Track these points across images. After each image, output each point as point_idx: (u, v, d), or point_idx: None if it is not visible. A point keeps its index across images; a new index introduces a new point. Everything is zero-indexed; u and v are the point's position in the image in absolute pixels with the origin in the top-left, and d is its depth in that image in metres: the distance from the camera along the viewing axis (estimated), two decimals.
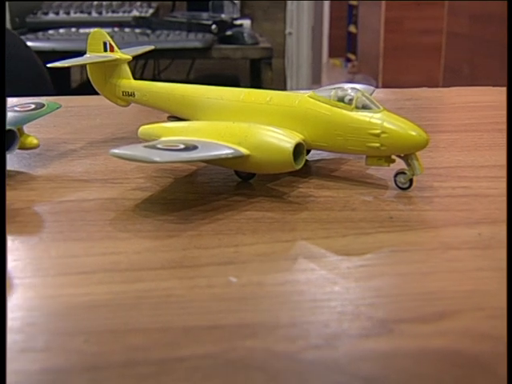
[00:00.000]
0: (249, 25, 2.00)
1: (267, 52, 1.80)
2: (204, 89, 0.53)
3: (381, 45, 2.86)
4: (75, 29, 1.80)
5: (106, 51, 0.59)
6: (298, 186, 0.48)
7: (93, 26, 1.83)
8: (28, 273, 0.35)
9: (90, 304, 0.32)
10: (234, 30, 1.82)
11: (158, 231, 0.40)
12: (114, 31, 1.79)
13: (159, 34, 1.76)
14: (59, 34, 1.76)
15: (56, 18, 1.85)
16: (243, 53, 1.80)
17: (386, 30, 2.83)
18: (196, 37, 1.74)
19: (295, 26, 2.20)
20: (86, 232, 0.40)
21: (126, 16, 1.90)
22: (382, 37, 2.86)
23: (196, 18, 1.89)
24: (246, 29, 1.90)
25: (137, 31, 1.81)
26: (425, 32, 2.74)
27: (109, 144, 0.60)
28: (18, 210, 0.44)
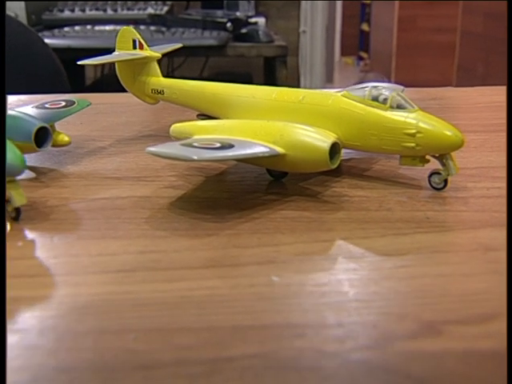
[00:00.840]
0: (263, 23, 1.99)
1: (282, 50, 1.80)
2: (235, 87, 0.53)
3: (394, 43, 2.85)
4: (90, 26, 1.80)
5: (135, 49, 0.58)
6: (331, 186, 0.48)
7: (108, 23, 1.84)
8: (68, 270, 0.35)
9: (134, 302, 0.32)
10: (248, 28, 1.82)
11: (196, 230, 0.40)
12: None
13: (174, 32, 1.76)
14: (75, 32, 1.76)
15: (71, 16, 1.85)
16: (258, 51, 1.80)
17: (399, 29, 2.82)
18: (211, 34, 1.73)
19: (309, 25, 2.19)
20: (123, 230, 0.40)
21: (140, 13, 1.90)
22: (394, 35, 2.84)
23: (210, 16, 1.88)
24: (260, 27, 1.90)
25: (152, 29, 1.80)
26: (438, 30, 2.72)
27: (137, 141, 0.60)
28: (52, 208, 0.44)
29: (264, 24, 2.00)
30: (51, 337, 0.29)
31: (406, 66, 2.83)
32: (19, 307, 0.32)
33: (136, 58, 0.58)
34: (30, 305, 0.32)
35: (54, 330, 0.30)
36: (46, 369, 0.27)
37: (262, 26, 1.95)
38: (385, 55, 2.94)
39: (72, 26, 1.79)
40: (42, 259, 0.37)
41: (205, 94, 0.54)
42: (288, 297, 0.33)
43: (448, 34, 2.65)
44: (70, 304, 0.32)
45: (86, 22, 1.83)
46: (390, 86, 0.48)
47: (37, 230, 0.40)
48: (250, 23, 1.89)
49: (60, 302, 0.32)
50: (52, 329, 0.30)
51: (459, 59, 2.47)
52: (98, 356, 0.28)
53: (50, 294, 0.33)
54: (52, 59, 1.41)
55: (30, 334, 0.29)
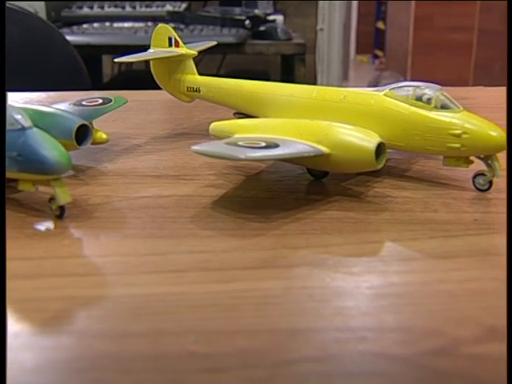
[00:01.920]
0: (281, 20, 1.98)
1: (301, 48, 1.79)
2: (274, 86, 0.53)
3: (410, 42, 2.83)
4: (109, 23, 1.80)
5: (170, 46, 0.58)
6: (373, 186, 0.47)
7: (126, 20, 1.83)
8: (119, 270, 0.35)
9: (189, 303, 0.32)
10: (267, 26, 1.81)
11: (242, 230, 0.40)
12: (147, 26, 1.79)
13: (192, 29, 1.76)
14: (94, 28, 1.76)
15: (90, 13, 1.85)
16: (277, 48, 1.79)
17: (416, 27, 2.80)
18: (230, 32, 1.73)
19: (327, 22, 2.18)
20: (169, 229, 0.40)
21: (159, 11, 1.90)
22: (411, 33, 2.83)
23: (229, 13, 1.88)
24: (279, 24, 1.89)
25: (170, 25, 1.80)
26: (455, 29, 2.70)
27: (172, 139, 0.59)
28: (95, 206, 0.44)
29: (282, 22, 2.00)
30: (110, 338, 0.29)
31: (422, 64, 2.81)
32: (74, 307, 0.31)
33: (172, 55, 0.57)
34: (85, 304, 0.32)
35: (112, 331, 0.29)
36: (108, 370, 0.27)
37: (280, 23, 1.94)
38: (401, 53, 2.92)
39: (91, 23, 1.79)
40: (90, 258, 0.37)
41: (243, 93, 0.54)
42: (343, 299, 0.32)
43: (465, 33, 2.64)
44: (126, 304, 0.31)
45: (104, 18, 1.83)
46: (433, 86, 0.48)
47: (82, 228, 0.40)
48: (268, 21, 1.88)
49: (115, 302, 0.32)
50: (110, 330, 0.29)
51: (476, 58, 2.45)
52: (159, 358, 0.27)
53: (103, 293, 0.33)
54: (73, 56, 1.41)
55: (89, 336, 0.29)
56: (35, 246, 0.38)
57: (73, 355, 0.28)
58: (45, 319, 0.30)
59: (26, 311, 0.31)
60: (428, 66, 2.80)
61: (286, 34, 1.80)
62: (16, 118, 0.41)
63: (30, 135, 0.40)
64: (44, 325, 0.30)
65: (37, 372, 0.27)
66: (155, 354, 0.28)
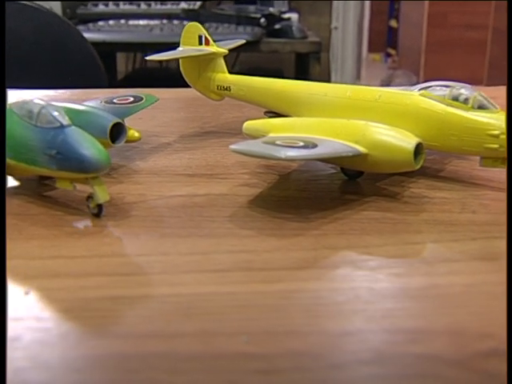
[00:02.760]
0: (296, 18, 1.98)
1: (316, 46, 1.78)
2: (306, 84, 0.53)
3: (423, 40, 2.82)
4: (124, 20, 1.80)
5: (200, 44, 0.58)
6: (408, 186, 0.47)
7: (141, 17, 1.84)
8: (162, 269, 0.35)
9: (237, 303, 0.31)
10: (282, 24, 1.81)
11: (281, 230, 0.40)
12: (162, 23, 1.79)
13: (208, 27, 1.75)
14: (109, 26, 1.77)
15: (106, 10, 1.86)
16: (292, 47, 1.79)
17: (429, 25, 2.79)
18: (245, 30, 1.73)
19: (341, 21, 2.17)
20: (208, 228, 0.40)
21: (174, 8, 1.90)
22: (424, 31, 2.81)
23: (243, 11, 1.88)
24: (294, 22, 1.88)
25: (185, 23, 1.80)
26: (469, 27, 2.69)
27: (201, 138, 0.59)
28: (131, 204, 0.43)
29: (297, 20, 1.99)
30: (161, 339, 0.29)
31: (436, 63, 2.80)
32: (121, 307, 0.31)
33: (203, 53, 0.57)
34: (132, 304, 0.32)
35: (162, 332, 0.29)
36: (161, 371, 0.27)
37: (295, 21, 1.93)
38: (414, 52, 2.91)
39: (106, 21, 1.79)
40: (132, 257, 0.37)
41: (274, 91, 0.54)
42: (390, 301, 0.32)
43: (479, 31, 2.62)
44: (173, 304, 0.31)
45: (119, 16, 1.83)
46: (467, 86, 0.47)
47: (120, 226, 0.40)
48: (283, 19, 1.88)
49: (161, 301, 0.32)
50: (159, 330, 0.29)
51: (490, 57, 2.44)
52: (212, 359, 0.27)
53: (149, 293, 0.33)
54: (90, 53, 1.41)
55: (139, 336, 0.29)
56: (76, 244, 0.38)
57: (124, 355, 0.28)
58: (93, 319, 0.30)
59: (73, 310, 0.31)
60: (441, 64, 2.78)
61: (301, 33, 1.79)
62: (54, 116, 0.41)
63: (69, 133, 0.40)
64: (93, 324, 0.30)
65: (88, 372, 0.27)
66: (207, 354, 0.28)
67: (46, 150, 0.40)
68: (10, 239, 0.38)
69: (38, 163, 0.41)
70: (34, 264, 0.35)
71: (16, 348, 0.28)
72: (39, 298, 0.32)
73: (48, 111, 0.41)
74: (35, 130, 0.41)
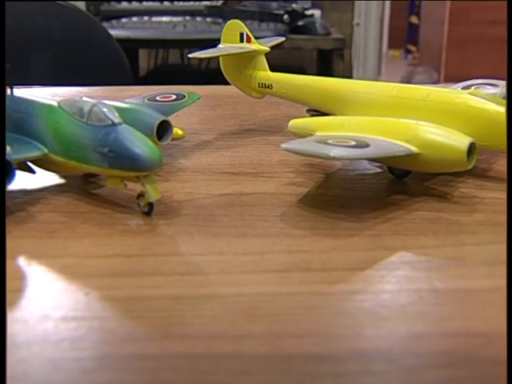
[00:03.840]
0: (319, 15, 1.97)
1: (339, 43, 1.77)
2: (351, 83, 0.52)
3: (445, 36, 2.79)
4: (147, 17, 1.81)
5: (242, 42, 0.58)
6: (458, 186, 0.46)
7: (165, 14, 1.84)
8: (220, 269, 0.35)
9: (300, 305, 0.31)
10: (305, 21, 1.80)
11: (335, 229, 0.39)
12: (185, 20, 1.79)
13: None
14: (132, 22, 1.77)
15: (129, 7, 1.86)
16: (315, 43, 1.78)
17: (451, 21, 2.76)
18: (268, 26, 1.72)
19: (363, 17, 2.16)
20: (261, 228, 0.40)
21: (196, 5, 1.90)
22: (446, 28, 2.79)
23: (266, 8, 1.87)
24: (317, 19, 1.87)
25: (208, 20, 1.80)
26: (492, 23, 2.66)
27: (241, 136, 0.59)
28: (180, 203, 0.43)
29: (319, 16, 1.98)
30: (228, 340, 0.28)
31: (457, 59, 2.78)
32: (184, 307, 0.31)
33: (245, 51, 0.57)
34: (194, 304, 0.31)
35: (228, 332, 0.29)
36: (232, 372, 0.26)
37: (318, 18, 1.93)
38: (435, 48, 2.88)
39: (129, 17, 1.79)
40: (187, 256, 0.37)
41: (318, 90, 0.53)
42: (457, 303, 0.32)
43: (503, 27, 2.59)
44: (236, 305, 0.31)
45: (143, 12, 1.84)
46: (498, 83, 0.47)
47: (172, 225, 0.40)
48: (306, 15, 1.87)
49: (223, 302, 0.31)
50: (226, 331, 0.29)
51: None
52: (282, 360, 0.27)
53: (209, 293, 0.32)
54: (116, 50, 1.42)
55: (205, 337, 0.29)
56: (130, 243, 0.37)
57: (193, 356, 0.27)
58: (156, 319, 0.30)
59: (136, 310, 0.31)
60: (463, 60, 2.76)
61: (324, 29, 1.78)
62: (106, 114, 0.41)
63: (121, 131, 0.40)
64: (157, 324, 0.30)
65: (157, 373, 0.27)
66: (276, 356, 0.27)
67: (97, 147, 0.40)
68: (63, 237, 0.38)
69: (90, 161, 0.41)
70: (90, 263, 0.35)
71: (82, 348, 0.28)
72: (100, 298, 0.32)
73: (99, 109, 0.41)
74: (86, 127, 0.41)
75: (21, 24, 1.24)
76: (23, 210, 0.42)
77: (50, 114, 0.43)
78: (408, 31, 3.56)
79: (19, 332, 0.29)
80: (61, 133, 0.42)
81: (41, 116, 0.44)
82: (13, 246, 0.37)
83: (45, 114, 0.44)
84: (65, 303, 0.32)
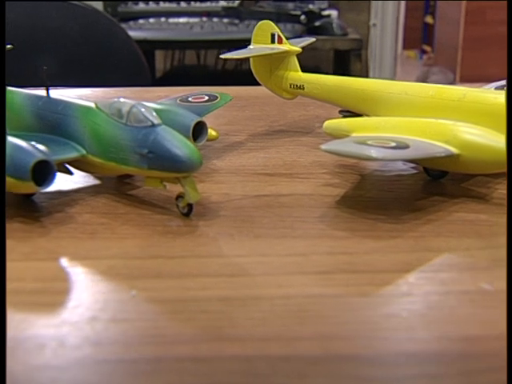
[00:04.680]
0: (336, 15, 1.96)
1: (357, 43, 1.77)
2: (386, 83, 0.52)
3: (460, 36, 2.78)
4: (164, 18, 1.81)
5: (273, 43, 0.57)
6: (495, 187, 0.46)
7: (181, 15, 1.84)
8: (264, 270, 0.34)
9: (348, 307, 0.31)
10: (322, 21, 1.80)
11: (376, 231, 0.39)
12: (202, 21, 1.80)
13: (248, 24, 1.75)
14: (149, 24, 1.77)
15: (146, 8, 1.86)
16: (332, 44, 1.78)
17: (467, 21, 2.74)
18: (285, 27, 1.71)
19: (380, 17, 2.15)
20: (301, 229, 0.39)
21: (213, 6, 1.90)
22: (461, 28, 2.77)
23: (283, 8, 1.87)
24: (334, 19, 1.87)
25: (225, 21, 1.80)
26: None
27: (272, 136, 0.59)
28: (217, 204, 0.43)
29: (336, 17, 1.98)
30: (282, 342, 0.28)
31: (473, 59, 2.76)
32: (232, 309, 0.31)
33: (277, 52, 0.57)
34: (243, 306, 0.31)
35: (280, 336, 0.29)
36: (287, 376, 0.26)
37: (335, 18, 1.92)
38: (450, 48, 2.87)
39: (146, 18, 1.80)
40: (230, 258, 0.36)
41: (351, 90, 0.53)
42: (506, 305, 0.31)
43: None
44: (284, 307, 0.31)
45: (160, 14, 1.84)
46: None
47: (212, 227, 0.40)
48: (323, 16, 1.86)
49: (273, 304, 0.31)
50: (278, 333, 0.29)
51: None
52: (333, 363, 0.27)
53: (258, 295, 0.32)
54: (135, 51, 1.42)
55: (257, 339, 0.29)
56: (172, 244, 0.37)
57: (247, 359, 0.27)
58: (206, 320, 0.30)
59: (184, 312, 0.31)
60: (479, 61, 2.74)
61: (341, 30, 1.78)
62: (146, 115, 0.41)
63: (161, 132, 0.40)
64: (207, 326, 0.29)
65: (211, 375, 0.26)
66: (329, 358, 0.27)
67: (137, 148, 0.40)
68: (104, 238, 0.38)
69: (129, 162, 0.41)
70: (134, 264, 0.35)
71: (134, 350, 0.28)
72: (146, 299, 0.32)
73: (139, 110, 0.41)
74: (125, 128, 0.41)
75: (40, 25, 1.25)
76: (61, 211, 0.42)
77: (88, 115, 0.43)
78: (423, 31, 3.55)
79: (69, 334, 0.29)
80: (99, 134, 0.42)
81: (78, 117, 0.44)
82: (54, 246, 0.38)
83: (82, 115, 0.44)
84: (112, 305, 0.32)
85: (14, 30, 1.14)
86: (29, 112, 0.47)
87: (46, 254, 0.37)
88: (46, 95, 0.47)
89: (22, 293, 0.33)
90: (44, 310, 0.31)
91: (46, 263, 0.36)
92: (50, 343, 0.28)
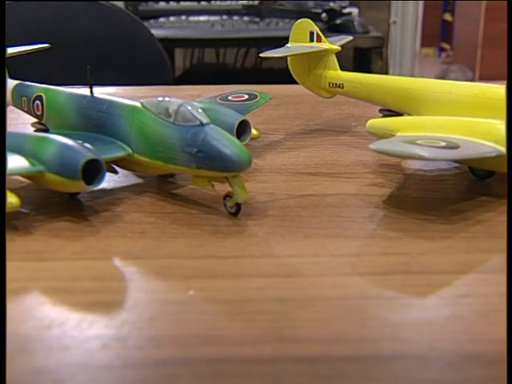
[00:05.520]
0: (357, 13, 1.95)
1: (378, 41, 1.76)
2: (428, 82, 0.51)
3: (480, 34, 2.75)
4: (185, 16, 1.81)
5: (312, 41, 0.57)
6: None
7: (202, 13, 1.84)
8: (318, 271, 0.34)
9: (408, 308, 0.31)
10: (343, 19, 1.79)
11: (427, 231, 0.39)
12: (222, 19, 1.80)
13: (269, 22, 1.75)
14: (170, 22, 1.78)
15: (167, 6, 1.87)
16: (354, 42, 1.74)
17: (487, 18, 2.72)
18: None
19: (400, 15, 2.14)
20: (351, 229, 0.39)
21: (233, 4, 1.90)
22: (481, 25, 2.74)
23: (303, 7, 1.87)
24: (355, 17, 1.86)
25: (245, 19, 1.80)
26: None
27: (309, 135, 0.58)
28: (264, 203, 0.43)
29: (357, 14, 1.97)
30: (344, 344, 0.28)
31: (493, 57, 2.73)
32: (290, 310, 0.31)
33: (316, 50, 0.56)
34: (302, 307, 0.31)
35: (343, 337, 0.29)
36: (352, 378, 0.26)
37: (355, 16, 1.91)
38: (469, 46, 2.84)
39: (167, 17, 1.80)
40: (283, 258, 0.36)
41: (393, 89, 0.52)
42: None
43: None
44: (343, 308, 0.31)
45: (180, 12, 1.84)
46: None
47: (261, 226, 0.40)
48: (343, 14, 1.86)
49: (331, 305, 0.31)
50: (340, 335, 0.29)
51: None
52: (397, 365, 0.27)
53: (315, 295, 0.32)
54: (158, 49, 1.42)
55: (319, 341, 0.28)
56: (223, 244, 0.37)
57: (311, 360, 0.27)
58: (266, 321, 0.30)
59: (242, 313, 0.31)
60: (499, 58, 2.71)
61: (362, 27, 1.77)
62: (194, 114, 0.40)
63: (210, 132, 0.40)
64: (267, 327, 0.29)
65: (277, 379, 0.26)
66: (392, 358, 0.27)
67: (185, 148, 0.40)
68: (154, 238, 0.38)
69: (177, 161, 0.41)
70: (187, 264, 0.35)
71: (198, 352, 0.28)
72: (204, 299, 0.32)
73: (187, 109, 0.41)
74: (173, 127, 0.41)
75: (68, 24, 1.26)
76: (108, 209, 0.42)
77: (135, 113, 0.43)
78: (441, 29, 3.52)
79: (130, 334, 0.29)
80: (146, 133, 0.42)
81: (124, 116, 0.44)
82: (105, 245, 0.38)
83: (128, 113, 0.44)
84: (170, 305, 0.32)
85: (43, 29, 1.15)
86: (72, 111, 0.48)
87: (98, 254, 0.37)
88: (90, 94, 0.47)
89: (77, 292, 0.33)
90: (103, 309, 0.31)
91: (100, 262, 0.36)
92: (113, 343, 0.28)
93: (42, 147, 0.41)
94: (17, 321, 0.30)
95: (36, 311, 0.31)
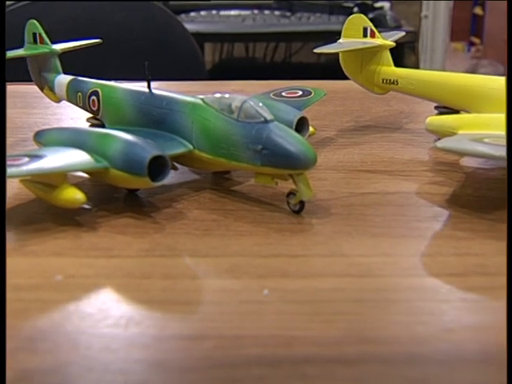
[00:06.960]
0: (388, 7, 1.93)
1: (411, 36, 1.74)
2: (486, 79, 0.50)
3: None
4: (216, 11, 1.81)
5: (365, 37, 0.56)
6: None
7: (233, 8, 1.84)
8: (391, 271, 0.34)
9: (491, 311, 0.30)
10: (375, 13, 1.77)
11: (497, 232, 0.38)
12: (253, 14, 1.79)
13: (300, 17, 1.74)
14: (201, 17, 1.78)
15: (197, 1, 1.87)
16: None
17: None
18: (338, 19, 1.70)
19: (431, 9, 2.11)
20: (418, 229, 0.39)
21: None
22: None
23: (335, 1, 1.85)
24: (387, 11, 1.84)
25: (276, 13, 1.80)
26: None
27: (361, 132, 0.58)
28: (325, 202, 0.42)
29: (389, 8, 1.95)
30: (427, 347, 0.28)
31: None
32: (368, 311, 0.30)
33: (370, 46, 0.56)
34: (379, 308, 0.30)
35: (425, 340, 0.28)
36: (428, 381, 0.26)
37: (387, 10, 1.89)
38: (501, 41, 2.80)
39: (198, 11, 1.80)
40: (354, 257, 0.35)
41: (450, 86, 0.52)
42: None
43: None
44: (423, 310, 0.30)
45: (211, 7, 1.84)
46: None
47: (326, 225, 0.39)
48: (375, 8, 1.84)
49: (410, 306, 0.30)
50: (423, 337, 0.28)
51: None
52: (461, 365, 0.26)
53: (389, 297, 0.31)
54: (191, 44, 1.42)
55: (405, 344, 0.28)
56: (290, 242, 0.37)
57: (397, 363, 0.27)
58: (343, 322, 0.29)
59: (320, 314, 0.30)
60: None
61: (395, 22, 1.75)
62: (258, 111, 0.40)
63: (274, 129, 0.39)
64: (345, 328, 0.29)
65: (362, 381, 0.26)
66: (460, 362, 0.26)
67: (250, 145, 0.39)
68: (220, 235, 0.38)
69: (240, 158, 0.40)
70: (257, 262, 0.35)
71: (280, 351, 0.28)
72: (280, 299, 0.31)
73: (250, 105, 0.40)
74: (237, 124, 0.40)
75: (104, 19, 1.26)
76: (169, 206, 0.42)
77: (196, 110, 0.43)
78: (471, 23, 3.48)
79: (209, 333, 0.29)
80: (209, 129, 0.42)
81: (185, 112, 0.44)
82: (172, 242, 0.37)
83: (190, 110, 0.43)
84: (247, 303, 0.31)
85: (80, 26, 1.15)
86: (130, 106, 0.48)
87: (167, 251, 0.36)
88: (148, 90, 0.47)
89: (152, 290, 0.32)
90: (179, 308, 0.31)
91: (169, 260, 0.35)
92: (192, 343, 0.28)
93: (105, 143, 0.41)
94: (94, 319, 0.30)
95: (112, 309, 0.31)
